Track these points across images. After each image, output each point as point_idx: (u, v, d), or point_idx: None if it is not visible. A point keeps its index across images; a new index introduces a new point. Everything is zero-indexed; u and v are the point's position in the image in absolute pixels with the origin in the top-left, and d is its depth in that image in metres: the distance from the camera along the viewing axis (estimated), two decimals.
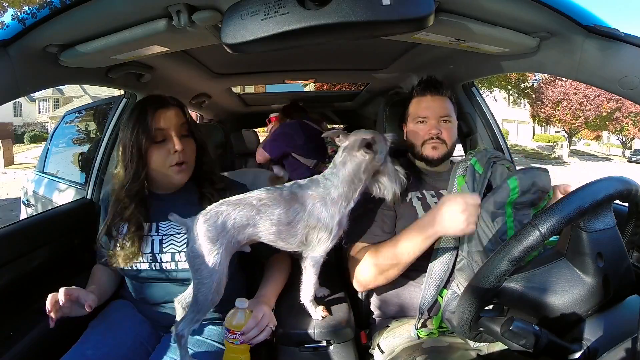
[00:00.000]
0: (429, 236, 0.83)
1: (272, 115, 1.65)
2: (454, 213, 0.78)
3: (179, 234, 0.93)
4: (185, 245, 0.90)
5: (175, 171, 0.90)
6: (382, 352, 0.93)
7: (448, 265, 0.89)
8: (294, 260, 1.17)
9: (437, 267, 0.90)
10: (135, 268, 0.91)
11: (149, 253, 0.91)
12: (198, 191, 0.98)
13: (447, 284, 0.90)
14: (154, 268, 0.91)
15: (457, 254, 0.88)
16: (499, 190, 0.81)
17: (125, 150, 0.88)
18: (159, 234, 0.93)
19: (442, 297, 0.90)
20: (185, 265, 0.90)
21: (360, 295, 1.14)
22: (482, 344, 0.85)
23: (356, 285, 0.97)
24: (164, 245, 0.92)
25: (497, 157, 0.96)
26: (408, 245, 0.85)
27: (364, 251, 0.94)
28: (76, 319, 0.92)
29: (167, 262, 0.91)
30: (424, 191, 1.02)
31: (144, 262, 0.91)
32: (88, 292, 0.86)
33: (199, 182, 0.99)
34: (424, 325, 0.93)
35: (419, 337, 0.91)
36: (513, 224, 0.79)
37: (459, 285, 0.85)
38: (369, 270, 0.92)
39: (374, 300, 1.08)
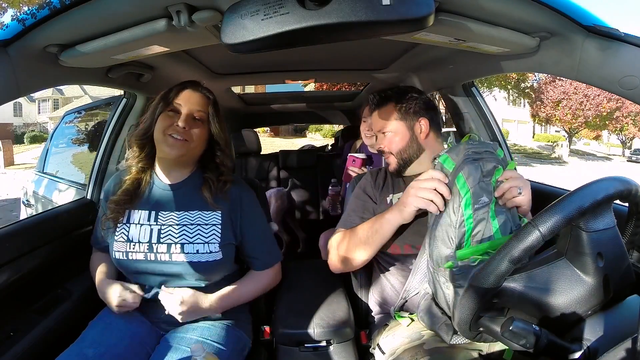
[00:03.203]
0: (388, 218, 0.90)
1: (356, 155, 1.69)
2: (413, 190, 0.83)
3: (177, 224, 0.93)
4: (181, 237, 0.91)
5: (170, 142, 0.91)
6: (383, 352, 0.93)
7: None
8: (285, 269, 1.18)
9: (423, 262, 0.91)
10: (130, 258, 0.92)
11: (147, 242, 0.92)
12: (202, 177, 0.98)
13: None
14: (149, 259, 0.91)
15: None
16: (452, 195, 0.78)
17: (149, 108, 0.96)
18: (158, 223, 0.94)
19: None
20: (179, 258, 0.91)
21: (360, 295, 1.14)
22: (482, 343, 0.85)
23: (330, 265, 1.04)
24: (162, 235, 0.92)
25: (480, 153, 0.80)
26: (366, 227, 0.94)
27: (339, 236, 1.02)
28: (77, 319, 0.92)
29: (162, 252, 0.91)
30: None
31: (139, 252, 0.91)
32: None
33: (205, 169, 1.00)
34: (401, 309, 0.97)
35: (395, 318, 0.96)
36: (472, 225, 0.75)
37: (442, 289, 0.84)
38: (340, 248, 0.99)
39: (373, 298, 1.08)
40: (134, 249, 0.92)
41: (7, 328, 0.94)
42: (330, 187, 1.89)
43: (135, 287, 0.93)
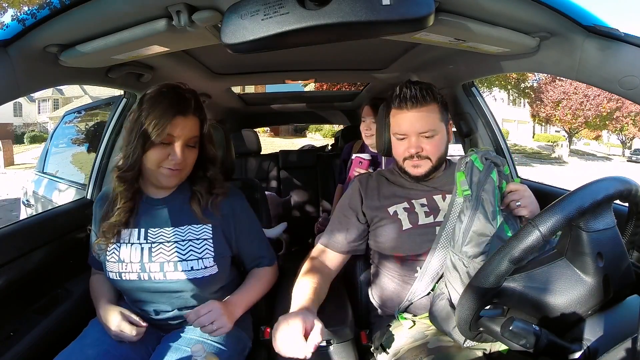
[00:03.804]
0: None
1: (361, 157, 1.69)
2: (278, 331, 0.76)
3: (168, 242, 0.90)
4: (173, 255, 0.89)
5: (166, 173, 0.88)
6: (386, 352, 0.93)
7: (444, 261, 0.89)
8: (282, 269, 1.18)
9: (435, 260, 0.91)
10: (124, 278, 0.89)
11: (138, 262, 0.89)
12: (190, 189, 0.96)
13: (440, 279, 0.91)
14: (142, 278, 0.89)
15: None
16: (486, 186, 0.84)
17: (131, 133, 0.87)
18: (148, 241, 0.91)
19: (433, 292, 0.91)
20: (174, 276, 0.88)
21: (361, 295, 1.14)
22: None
23: None
24: (153, 254, 0.89)
25: (496, 163, 0.90)
26: (301, 290, 0.92)
27: (314, 255, 1.03)
28: (77, 319, 0.92)
29: (155, 272, 0.88)
30: (413, 201, 1.00)
31: (132, 272, 0.89)
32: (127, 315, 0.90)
33: (193, 181, 0.97)
34: (405, 311, 0.96)
35: (399, 320, 0.95)
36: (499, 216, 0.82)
37: (449, 286, 0.85)
38: (303, 265, 1.01)
39: (375, 299, 1.08)
40: (126, 269, 0.89)
41: (7, 328, 0.94)
42: (319, 221, 1.95)
43: (135, 318, 0.88)
